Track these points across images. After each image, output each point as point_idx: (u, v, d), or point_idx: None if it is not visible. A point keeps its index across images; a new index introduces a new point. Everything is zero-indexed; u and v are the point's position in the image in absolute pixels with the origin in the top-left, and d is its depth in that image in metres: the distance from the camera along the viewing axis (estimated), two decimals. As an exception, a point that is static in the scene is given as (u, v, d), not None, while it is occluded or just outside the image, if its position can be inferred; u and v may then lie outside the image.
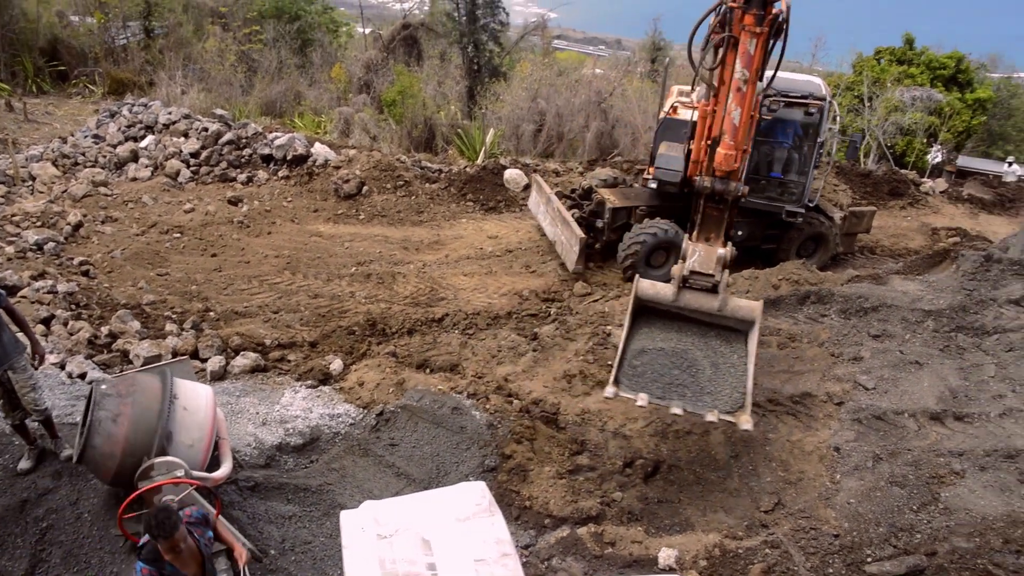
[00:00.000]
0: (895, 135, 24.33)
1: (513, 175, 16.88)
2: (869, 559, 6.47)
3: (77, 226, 12.95)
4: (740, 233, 12.46)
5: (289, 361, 9.61)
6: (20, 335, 6.50)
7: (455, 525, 4.73)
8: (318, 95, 25.45)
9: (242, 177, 16.00)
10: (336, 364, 9.48)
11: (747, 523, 7.20)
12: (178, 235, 13.37)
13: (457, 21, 27.52)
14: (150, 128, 17.43)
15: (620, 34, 65.11)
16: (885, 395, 8.42)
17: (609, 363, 9.36)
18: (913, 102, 24.45)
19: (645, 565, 6.72)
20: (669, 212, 12.85)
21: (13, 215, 12.92)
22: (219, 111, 19.10)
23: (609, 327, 10.15)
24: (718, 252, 7.83)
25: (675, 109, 13.18)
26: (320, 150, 16.80)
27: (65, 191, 14.47)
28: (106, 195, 14.59)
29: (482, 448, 7.86)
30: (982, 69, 30.37)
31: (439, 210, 15.65)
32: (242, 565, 4.82)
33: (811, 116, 12.27)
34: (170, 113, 17.66)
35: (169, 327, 10.09)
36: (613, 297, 11.76)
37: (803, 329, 9.77)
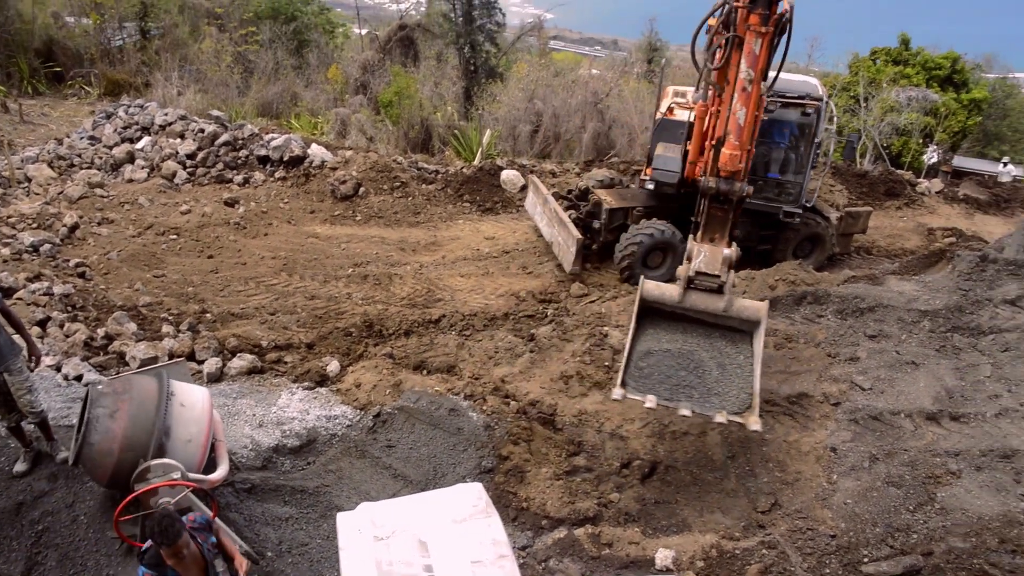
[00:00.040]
0: (891, 135, 24.38)
1: (510, 176, 16.88)
2: (866, 559, 6.49)
3: (73, 228, 12.92)
4: (736, 233, 12.45)
5: (286, 363, 9.60)
6: (16, 337, 6.49)
7: (452, 527, 4.73)
8: (314, 96, 25.43)
9: (238, 178, 15.98)
10: (333, 366, 9.47)
11: (744, 524, 7.21)
12: (174, 237, 13.35)
13: (453, 22, 27.52)
14: (146, 129, 17.40)
15: (616, 35, 65.22)
16: (881, 395, 8.43)
17: (606, 364, 9.37)
18: (909, 102, 24.50)
19: (642, 566, 6.74)
20: (666, 213, 12.88)
21: (9, 217, 12.89)
22: (215, 112, 19.06)
23: (606, 328, 10.16)
24: (724, 253, 7.82)
25: (671, 110, 13.20)
26: (316, 151, 16.79)
27: (61, 193, 14.44)
28: (102, 197, 14.56)
29: (479, 449, 7.87)
30: (977, 69, 30.43)
31: (436, 211, 15.64)
32: (243, 575, 4.79)
33: (808, 116, 12.29)
34: (166, 114, 17.63)
35: (165, 329, 10.08)
36: (610, 298, 11.76)
37: (799, 329, 9.79)
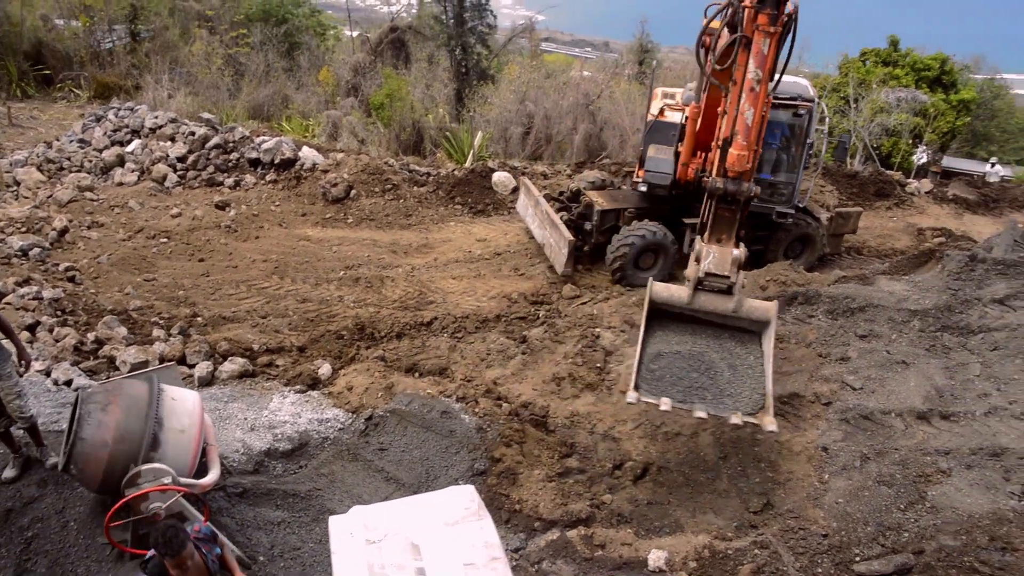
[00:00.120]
0: (881, 136, 24.51)
1: (501, 178, 16.88)
2: (857, 558, 6.52)
3: (63, 231, 12.84)
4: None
5: (277, 366, 9.58)
6: (5, 342, 6.45)
7: (444, 529, 4.73)
8: (306, 98, 25.36)
9: (229, 181, 15.92)
10: (325, 369, 9.45)
11: (736, 524, 7.23)
12: (165, 240, 13.29)
13: (445, 24, 27.52)
14: (136, 132, 17.31)
15: (608, 36, 65.26)
16: (872, 395, 8.47)
17: (598, 365, 9.38)
18: (898, 103, 24.65)
19: (635, 567, 6.74)
20: (657, 214, 12.91)
21: (-3, 221, 12.81)
22: (206, 115, 18.99)
23: (598, 329, 10.17)
24: (733, 253, 7.80)
25: (663, 112, 13.23)
26: (308, 154, 16.75)
27: (50, 196, 14.36)
28: (92, 200, 14.48)
29: (471, 452, 7.86)
30: (966, 70, 30.66)
31: (427, 213, 15.63)
32: None
33: (799, 117, 12.34)
34: (156, 117, 17.54)
35: (156, 333, 10.04)
36: (602, 299, 11.78)
37: (791, 330, 9.82)
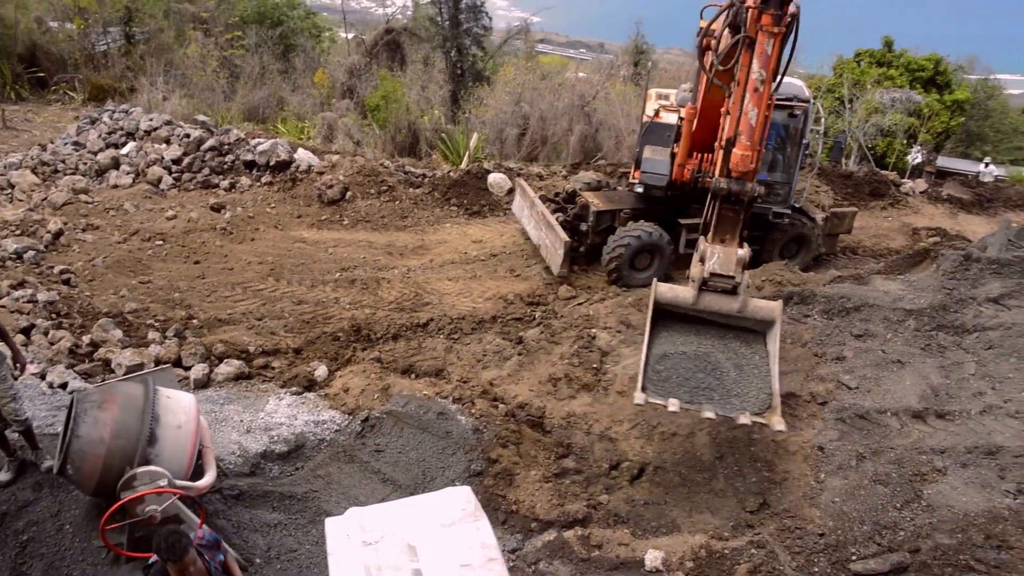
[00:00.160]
0: (875, 136, 24.57)
1: (497, 179, 16.89)
2: (854, 557, 6.53)
3: (57, 234, 12.81)
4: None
5: (273, 368, 9.56)
6: (0, 345, 6.43)
7: (441, 531, 4.72)
8: (301, 100, 25.35)
9: (225, 183, 15.90)
10: (321, 370, 9.44)
11: (733, 523, 7.24)
12: (160, 242, 13.27)
13: (440, 26, 27.52)
14: (131, 135, 17.28)
15: (603, 38, 65.36)
16: (868, 394, 8.49)
17: (594, 366, 9.39)
18: (893, 103, 24.70)
19: (632, 567, 6.75)
20: (653, 215, 12.94)
21: (-8, 224, 12.78)
22: (201, 117, 18.96)
23: (594, 330, 10.18)
24: (738, 253, 7.78)
25: (658, 113, 13.25)
26: (303, 156, 16.74)
27: (45, 199, 14.32)
28: (87, 203, 14.45)
29: (468, 453, 7.86)
30: (960, 71, 30.76)
31: (423, 215, 15.63)
32: None
33: (795, 118, 12.37)
34: (151, 119, 17.52)
35: (152, 335, 10.02)
36: (598, 300, 11.79)
37: (786, 330, 9.83)
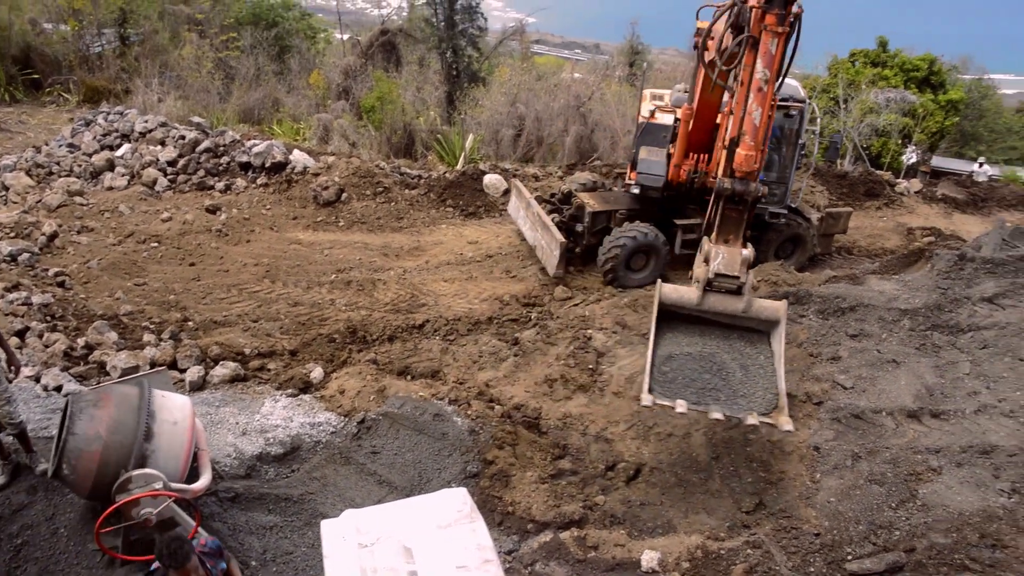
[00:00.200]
0: (870, 136, 24.64)
1: (493, 180, 16.88)
2: (849, 557, 6.55)
3: (52, 236, 12.78)
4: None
5: (269, 370, 9.55)
6: (-6, 348, 6.41)
7: (437, 532, 4.71)
8: (296, 102, 25.29)
9: (220, 185, 15.87)
10: (317, 372, 9.43)
11: (729, 524, 7.25)
12: (156, 244, 13.24)
13: (435, 26, 27.52)
14: (126, 136, 17.23)
15: (598, 38, 65.38)
16: (863, 394, 8.51)
17: (590, 367, 9.39)
18: (887, 103, 24.76)
19: (628, 568, 6.75)
20: (649, 215, 12.95)
21: (-14, 226, 12.74)
22: (196, 119, 18.93)
23: (590, 331, 10.19)
24: (743, 254, 7.79)
25: (654, 114, 13.26)
26: (299, 157, 16.72)
27: (39, 201, 14.28)
28: (82, 205, 14.41)
29: (464, 454, 7.86)
30: (954, 71, 30.84)
31: (419, 216, 15.62)
32: None
33: (791, 118, 12.40)
34: (146, 121, 17.47)
35: (147, 338, 10.00)
36: (593, 301, 11.79)
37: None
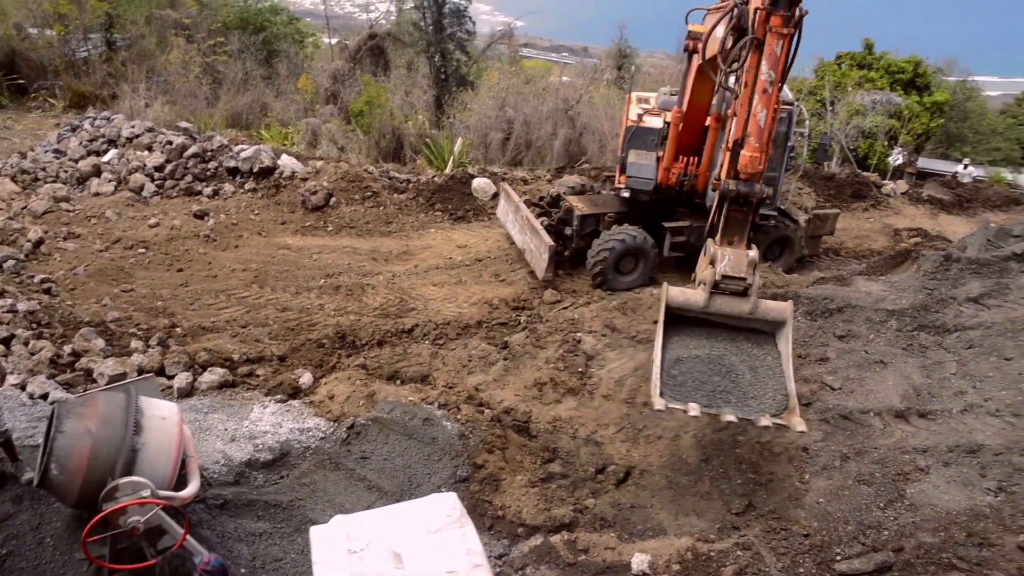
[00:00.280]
0: (857, 138, 24.81)
1: (481, 184, 16.89)
2: (839, 557, 6.57)
3: (38, 243, 12.69)
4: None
5: (258, 376, 9.51)
6: (-22, 356, 6.36)
7: (426, 537, 4.71)
8: (284, 106, 25.25)
9: (208, 190, 15.81)
10: (306, 378, 9.40)
11: (719, 526, 7.27)
12: (143, 250, 13.16)
13: (424, 31, 27.53)
14: (113, 142, 17.14)
15: (586, 42, 65.58)
16: (851, 395, 8.56)
17: (580, 370, 9.40)
18: (874, 105, 24.95)
19: (618, 571, 6.76)
20: (637, 218, 12.99)
21: (-29, 233, 12.63)
22: (184, 124, 18.85)
23: (579, 334, 10.20)
24: (748, 255, 7.80)
25: (642, 117, 13.30)
26: (287, 162, 16.67)
27: (25, 207, 14.18)
28: (68, 211, 14.32)
29: (454, 459, 7.85)
30: (939, 73, 31.10)
31: (408, 220, 15.60)
32: None
33: (780, 120, 12.44)
34: (133, 126, 17.39)
35: (134, 344, 9.94)
36: (583, 304, 11.81)
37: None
